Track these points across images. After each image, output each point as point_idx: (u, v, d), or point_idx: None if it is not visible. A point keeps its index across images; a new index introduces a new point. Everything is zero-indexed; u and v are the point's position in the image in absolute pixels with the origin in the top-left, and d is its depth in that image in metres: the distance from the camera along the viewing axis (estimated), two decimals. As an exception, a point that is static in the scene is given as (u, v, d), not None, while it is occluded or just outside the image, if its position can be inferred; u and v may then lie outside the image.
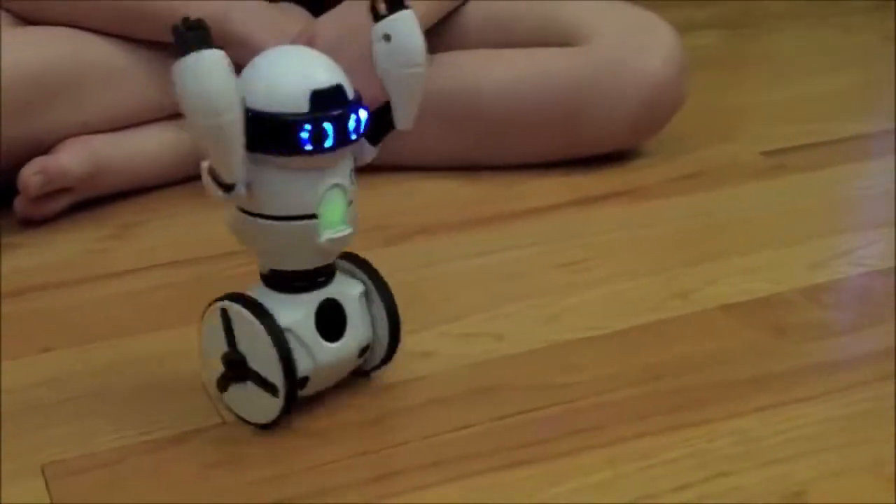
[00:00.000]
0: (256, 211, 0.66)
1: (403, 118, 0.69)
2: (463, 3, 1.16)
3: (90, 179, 0.99)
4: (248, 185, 0.65)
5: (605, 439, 0.70)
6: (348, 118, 0.65)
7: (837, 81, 1.47)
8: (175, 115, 1.04)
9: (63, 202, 0.99)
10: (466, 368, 0.78)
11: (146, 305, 0.87)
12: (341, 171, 0.67)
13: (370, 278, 0.72)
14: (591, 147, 1.13)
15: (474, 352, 0.80)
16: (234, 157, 0.62)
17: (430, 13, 1.09)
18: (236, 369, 0.69)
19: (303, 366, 0.68)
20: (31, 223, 0.99)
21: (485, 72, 1.10)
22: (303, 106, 0.63)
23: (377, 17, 0.67)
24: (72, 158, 0.98)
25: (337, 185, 0.66)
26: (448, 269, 0.94)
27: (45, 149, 0.98)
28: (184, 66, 0.59)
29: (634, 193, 1.09)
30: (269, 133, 0.63)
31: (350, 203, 0.68)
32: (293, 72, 0.65)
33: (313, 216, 0.66)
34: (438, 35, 1.12)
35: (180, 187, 1.07)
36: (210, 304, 0.69)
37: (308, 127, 0.63)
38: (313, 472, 0.67)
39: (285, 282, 0.69)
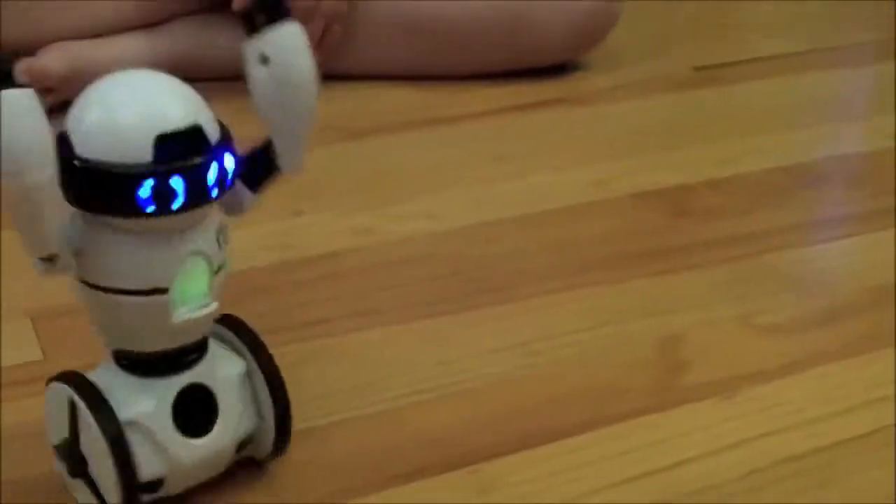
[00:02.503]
0: (92, 281, 0.52)
1: (290, 159, 0.55)
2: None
3: (70, 81, 1.08)
4: (81, 250, 0.52)
5: (515, 295, 0.81)
6: (206, 169, 0.50)
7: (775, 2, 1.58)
8: (149, 26, 1.16)
9: (45, 102, 1.09)
10: (402, 241, 0.89)
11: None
12: (203, 234, 0.53)
13: (252, 352, 0.58)
14: (533, 59, 1.23)
15: (409, 229, 0.91)
16: (44, 226, 0.48)
17: None
18: (71, 463, 0.57)
19: (152, 468, 0.55)
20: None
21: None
22: (144, 155, 0.49)
23: (251, 28, 0.52)
24: (53, 60, 1.08)
25: (197, 253, 0.52)
26: (391, 162, 1.04)
27: (29, 53, 1.09)
28: None
29: (569, 101, 1.20)
30: (100, 190, 0.49)
31: (218, 270, 0.54)
32: (134, 107, 0.50)
33: (161, 290, 0.52)
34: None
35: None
36: (50, 382, 0.58)
37: (150, 184, 0.49)
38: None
39: (135, 364, 0.56)
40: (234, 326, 0.60)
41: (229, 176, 0.52)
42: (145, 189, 0.49)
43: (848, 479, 0.64)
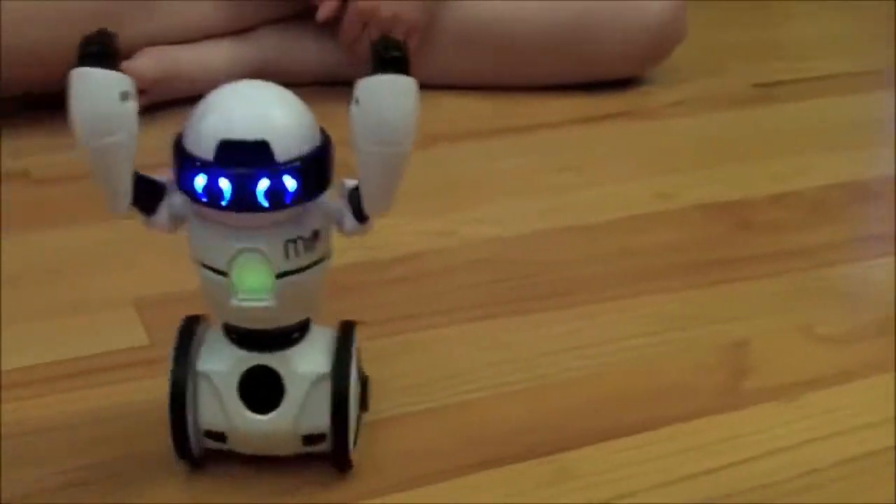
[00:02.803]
0: (190, 251, 0.61)
1: (372, 202, 0.57)
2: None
3: (162, 83, 1.15)
4: (183, 218, 0.60)
5: (582, 299, 0.86)
6: (254, 180, 0.56)
7: (834, 22, 1.61)
8: (239, 32, 1.21)
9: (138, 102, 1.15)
10: (472, 246, 0.94)
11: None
12: (262, 237, 0.58)
13: (336, 359, 0.63)
14: (599, 74, 1.28)
15: (479, 234, 0.96)
16: (113, 185, 0.57)
17: None
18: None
19: (213, 420, 0.63)
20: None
21: (506, 2, 1.25)
22: (208, 154, 0.56)
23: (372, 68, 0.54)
24: (147, 64, 1.14)
25: (252, 251, 0.58)
26: (460, 170, 1.10)
27: (125, 56, 1.14)
28: (72, 80, 0.54)
29: (632, 114, 1.24)
30: (178, 171, 0.57)
31: (285, 274, 0.59)
32: (218, 114, 0.57)
33: (224, 273, 0.59)
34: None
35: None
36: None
37: (203, 176, 0.56)
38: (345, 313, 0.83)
39: (228, 332, 0.63)
40: (340, 333, 0.65)
41: (288, 193, 0.56)
42: (200, 182, 0.56)
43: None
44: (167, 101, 1.16)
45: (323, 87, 1.16)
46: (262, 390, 0.62)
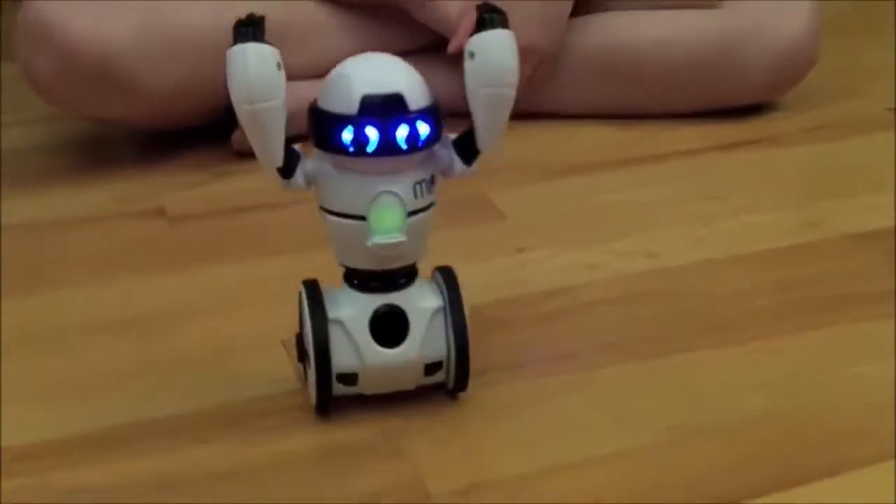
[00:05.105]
0: (320, 203, 0.70)
1: (485, 140, 0.69)
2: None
3: (293, 119, 1.13)
4: (315, 179, 0.69)
5: (748, 335, 0.83)
6: (395, 126, 0.66)
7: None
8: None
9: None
10: (627, 278, 0.92)
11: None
12: (398, 180, 0.68)
13: (448, 294, 0.72)
14: (732, 99, 1.25)
15: (633, 265, 0.94)
16: (269, 143, 0.66)
17: None
18: (300, 350, 0.73)
19: (347, 362, 0.70)
20: (244, 155, 1.14)
21: (639, 30, 1.24)
22: (352, 108, 0.65)
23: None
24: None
25: (389, 193, 0.67)
26: (603, 199, 1.07)
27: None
28: (231, 55, 0.64)
29: (769, 141, 1.22)
30: (322, 130, 0.67)
31: (413, 213, 0.68)
32: (356, 75, 0.67)
33: (363, 218, 0.68)
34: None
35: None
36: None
37: (350, 129, 0.66)
38: (504, 351, 0.81)
39: (351, 278, 0.71)
40: (445, 274, 0.73)
41: (421, 138, 0.67)
42: (347, 135, 0.66)
43: None
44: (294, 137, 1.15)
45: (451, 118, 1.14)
46: (388, 328, 0.70)
